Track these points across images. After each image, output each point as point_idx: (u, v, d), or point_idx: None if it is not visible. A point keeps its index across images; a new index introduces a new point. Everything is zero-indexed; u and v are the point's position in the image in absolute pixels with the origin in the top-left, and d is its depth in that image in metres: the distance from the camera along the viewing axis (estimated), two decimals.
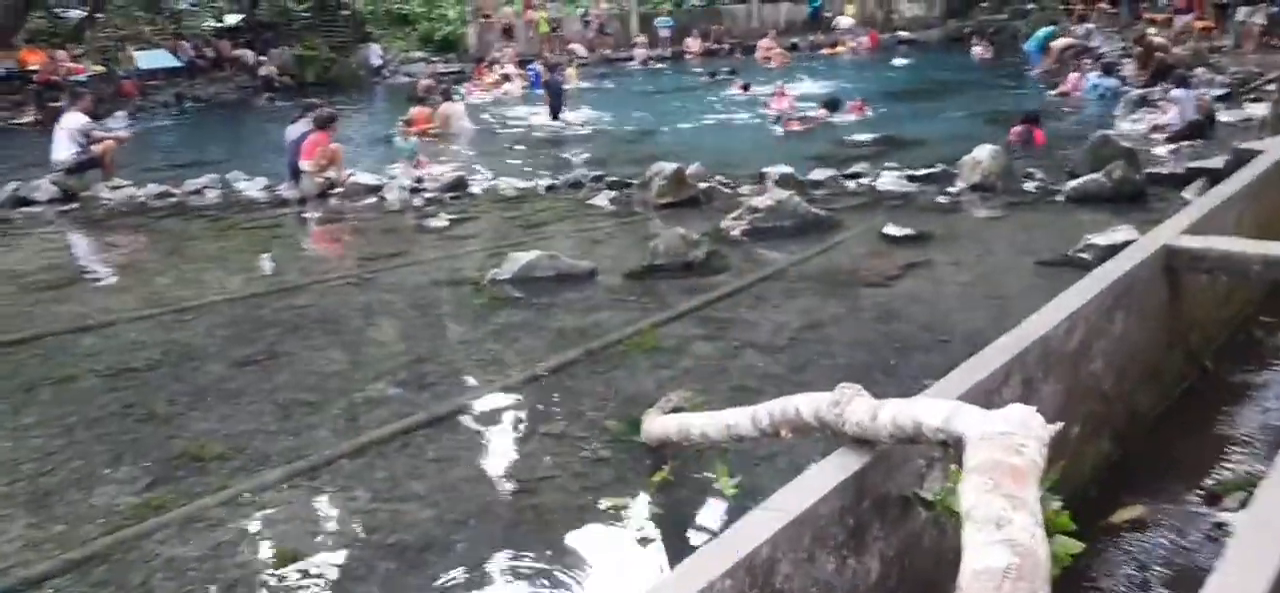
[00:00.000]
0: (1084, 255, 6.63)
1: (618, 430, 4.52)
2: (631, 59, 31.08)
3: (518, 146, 14.55)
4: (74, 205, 10.82)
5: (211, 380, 5.42)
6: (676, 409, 4.67)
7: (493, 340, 5.93)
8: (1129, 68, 16.35)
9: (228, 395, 5.20)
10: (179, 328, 6.41)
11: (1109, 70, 15.18)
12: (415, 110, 15.88)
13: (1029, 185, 9.06)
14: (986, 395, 3.24)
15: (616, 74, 28.69)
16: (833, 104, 15.84)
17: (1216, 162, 8.52)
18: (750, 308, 6.28)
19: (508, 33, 30.95)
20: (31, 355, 5.97)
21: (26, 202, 10.89)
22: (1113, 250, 6.14)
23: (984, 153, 9.15)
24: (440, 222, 8.98)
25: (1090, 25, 21.60)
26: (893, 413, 2.61)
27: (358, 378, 5.38)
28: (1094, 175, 8.40)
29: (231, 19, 31.68)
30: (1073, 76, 16.05)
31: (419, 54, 31.39)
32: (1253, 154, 7.66)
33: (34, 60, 22.71)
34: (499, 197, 10.27)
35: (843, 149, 12.46)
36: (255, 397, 5.16)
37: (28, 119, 20.32)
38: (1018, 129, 11.70)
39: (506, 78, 23.10)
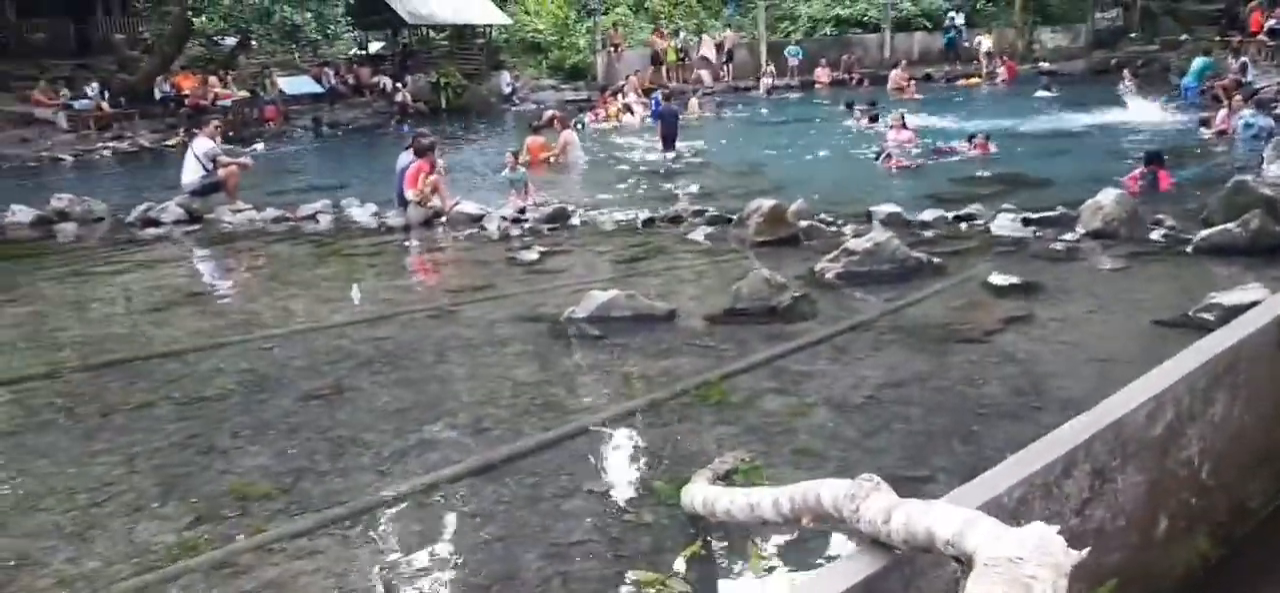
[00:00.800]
0: (1206, 315, 6.06)
1: (663, 494, 4.28)
2: (756, 88, 30.82)
3: (627, 178, 14.49)
4: (197, 227, 11.27)
5: (277, 414, 5.44)
6: (730, 472, 4.43)
7: (558, 384, 5.78)
8: None
9: (289, 431, 5.20)
10: (260, 357, 6.50)
11: (1262, 107, 14.06)
12: (531, 140, 16.02)
13: (1156, 234, 8.40)
14: (1045, 489, 2.90)
15: (743, 102, 28.48)
16: (971, 137, 15.25)
17: None
18: (831, 360, 5.95)
19: (655, 61, 30.92)
20: (116, 379, 6.14)
21: (154, 222, 11.40)
22: (1238, 311, 5.59)
23: (1107, 197, 8.53)
24: (532, 255, 8.93)
25: (1245, 58, 20.13)
26: (906, 517, 2.31)
27: (415, 418, 5.30)
28: (1228, 225, 7.71)
29: (375, 47, 32.95)
30: (1222, 114, 14.96)
31: (549, 81, 31.87)
32: None
33: (187, 85, 24.04)
34: (597, 230, 10.18)
35: (962, 188, 11.89)
36: (313, 433, 5.14)
37: (176, 141, 21.50)
38: (1138, 171, 10.93)
39: (629, 108, 23.14)
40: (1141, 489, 3.31)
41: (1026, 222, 9.03)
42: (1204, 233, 7.83)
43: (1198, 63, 20.92)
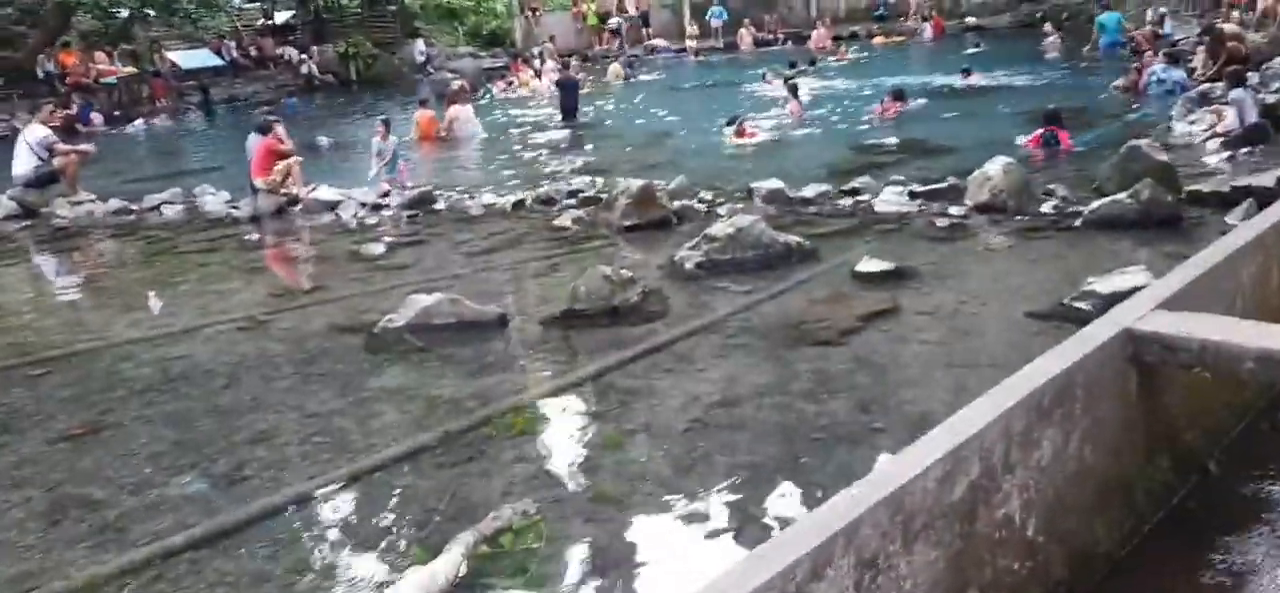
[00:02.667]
0: (1082, 305, 5.48)
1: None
2: (684, 50, 30.06)
3: (519, 154, 13.66)
4: (31, 223, 10.29)
5: (6, 464, 4.64)
6: (500, 533, 3.76)
7: (351, 413, 5.04)
8: (1198, 58, 14.71)
9: (11, 485, 4.41)
10: (26, 384, 5.67)
11: (1174, 61, 13.54)
12: (419, 114, 15.14)
13: (1048, 205, 7.82)
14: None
15: (666, 67, 27.69)
16: (900, 95, 14.62)
17: (1267, 178, 7.20)
18: (666, 371, 5.26)
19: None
20: None
21: None
22: (1115, 299, 5.02)
23: (995, 167, 7.93)
24: (378, 248, 8.14)
25: (1164, 9, 19.71)
26: None
27: (168, 466, 4.53)
28: (1119, 196, 7.15)
29: (283, 16, 31.50)
30: (1133, 68, 14.49)
31: (467, 49, 30.79)
32: None
33: (70, 62, 22.67)
34: (462, 216, 9.40)
35: (860, 156, 11.27)
36: (37, 489, 4.36)
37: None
38: (1038, 133, 10.39)
39: (538, 75, 22.24)
40: (939, 569, 2.67)
41: (912, 195, 8.42)
42: (1094, 205, 7.26)
43: (1106, 17, 20.51)
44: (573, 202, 9.14)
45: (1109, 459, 3.35)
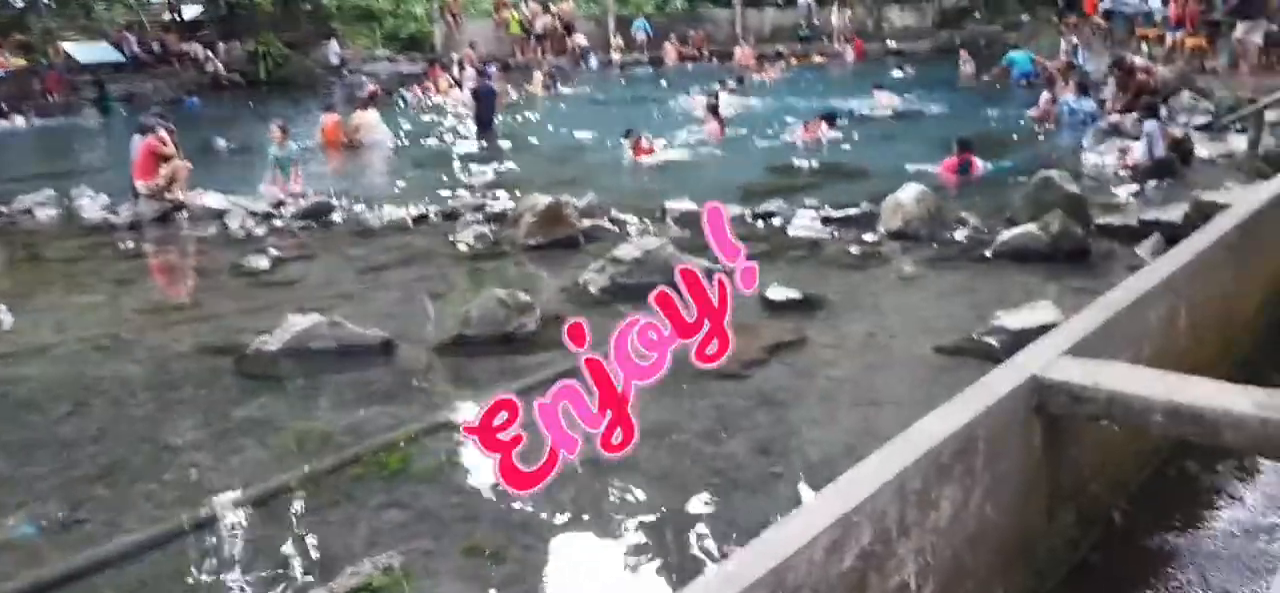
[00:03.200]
0: (990, 340, 5.32)
1: None
2: (609, 62, 29.79)
3: (427, 164, 13.16)
4: None
5: None
6: (361, 589, 3.39)
7: (210, 448, 4.59)
8: (1108, 90, 14.92)
9: None
10: None
11: (1084, 91, 13.68)
12: (325, 118, 14.56)
13: (960, 233, 7.69)
14: None
15: (591, 79, 27.34)
16: (831, 117, 14.53)
17: (1175, 213, 7.17)
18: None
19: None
20: None
21: None
22: (1024, 337, 4.85)
23: (908, 195, 7.79)
24: (263, 262, 7.63)
25: (1075, 40, 20.07)
26: None
27: None
28: (1029, 227, 7.04)
29: (192, 11, 30.35)
30: (1044, 97, 14.63)
31: (383, 52, 30.05)
32: (1215, 208, 6.32)
33: None
34: (359, 228, 8.93)
35: (778, 178, 11.08)
36: None
37: None
38: (952, 160, 10.34)
39: (457, 83, 21.72)
40: None
41: (826, 221, 8.23)
42: (1005, 236, 7.14)
43: (1017, 56, 21.05)
44: (478, 217, 8.74)
45: (1011, 516, 3.12)
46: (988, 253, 7.16)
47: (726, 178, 11.15)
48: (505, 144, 14.54)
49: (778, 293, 6.32)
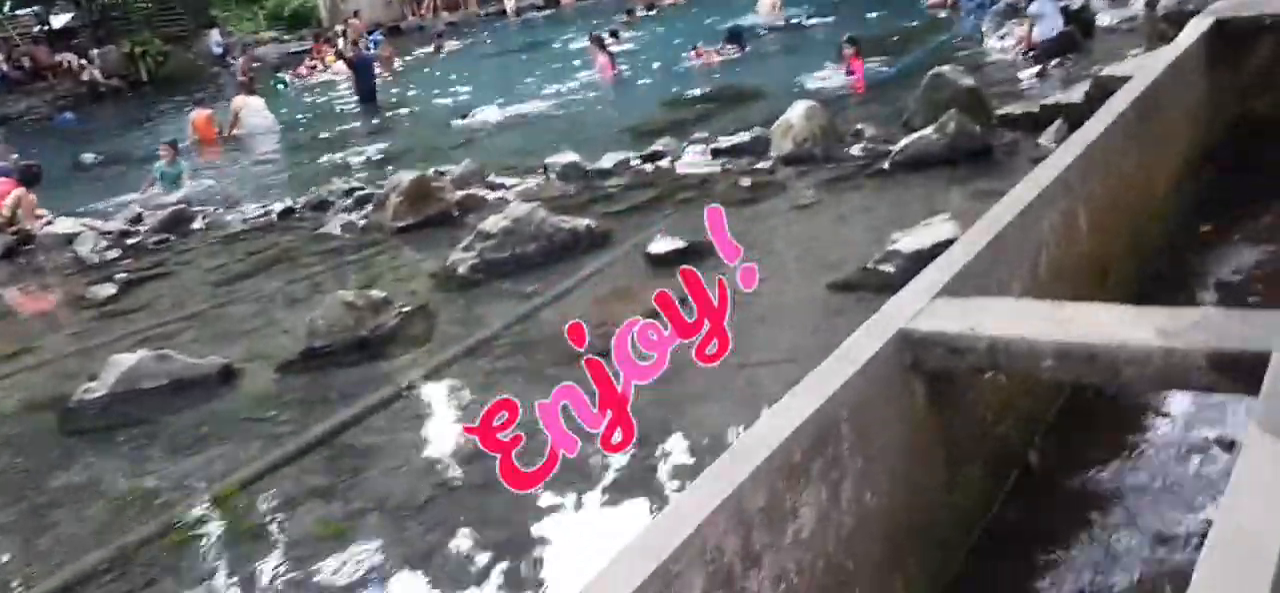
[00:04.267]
0: (886, 267, 4.86)
1: None
2: (504, 13, 28.77)
3: (306, 148, 12.38)
4: None
5: None
6: None
7: (19, 526, 4.02)
8: None
9: None
10: None
11: None
12: (194, 115, 13.65)
13: (856, 147, 7.22)
14: None
15: (490, 31, 26.32)
16: (737, 36, 13.92)
17: (1076, 94, 6.75)
18: (415, 420, 4.40)
19: None
20: None
21: None
22: (922, 258, 4.41)
23: (797, 113, 7.29)
24: (109, 290, 6.93)
25: None
26: None
27: None
28: (925, 131, 6.59)
29: (61, 20, 28.60)
30: None
31: (269, 33, 28.74)
32: (1116, 83, 5.90)
33: None
34: (221, 234, 8.22)
35: (669, 113, 10.52)
36: None
37: None
38: (851, 52, 9.87)
39: (339, 56, 20.68)
40: None
41: (716, 153, 7.71)
42: (901, 144, 6.68)
43: None
44: (348, 204, 8.08)
45: (899, 496, 2.65)
46: (886, 165, 6.70)
47: (616, 119, 10.58)
48: (389, 114, 13.74)
49: (661, 245, 5.80)
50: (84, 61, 24.79)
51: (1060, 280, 3.52)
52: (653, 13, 22.63)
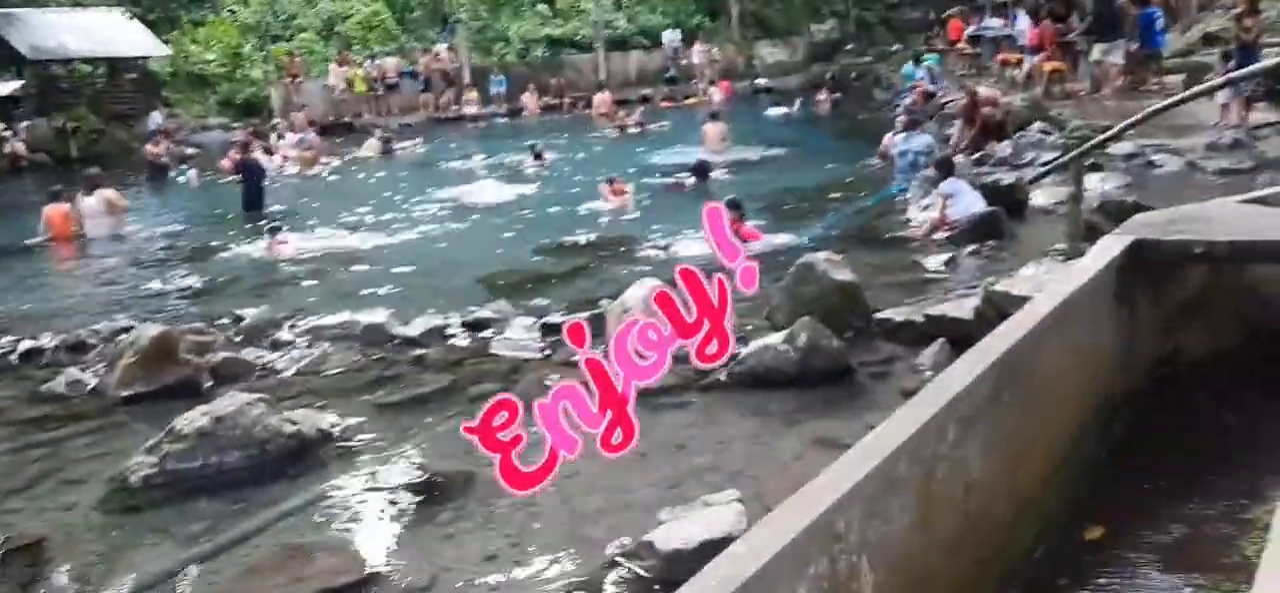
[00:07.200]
0: (634, 566, 3.43)
1: None
2: (462, 119, 27.79)
3: (140, 262, 10.90)
4: None
5: None
6: None
7: None
8: (955, 126, 13.42)
9: None
10: None
11: (914, 127, 11.89)
12: (48, 210, 12.27)
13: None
14: None
15: (446, 135, 25.15)
16: (701, 171, 12.90)
17: (966, 309, 5.39)
18: None
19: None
20: None
21: None
22: (679, 562, 3.08)
23: (636, 296, 5.91)
24: None
25: (930, 60, 18.44)
26: None
27: None
28: (770, 340, 5.21)
29: (5, 89, 27.40)
30: (886, 138, 12.99)
31: (217, 119, 27.59)
32: (1012, 303, 4.57)
33: None
34: None
35: (539, 262, 9.18)
36: None
37: None
38: (727, 219, 8.54)
39: (268, 152, 19.46)
40: None
41: (546, 329, 6.32)
42: (744, 352, 5.27)
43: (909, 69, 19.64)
44: (94, 355, 6.60)
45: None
46: (723, 376, 5.29)
47: (481, 262, 9.13)
48: (254, 228, 12.21)
49: (396, 474, 4.35)
50: (9, 132, 23.56)
51: None
52: (637, 131, 21.54)
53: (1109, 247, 4.43)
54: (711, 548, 3.29)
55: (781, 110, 23.71)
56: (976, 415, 3.04)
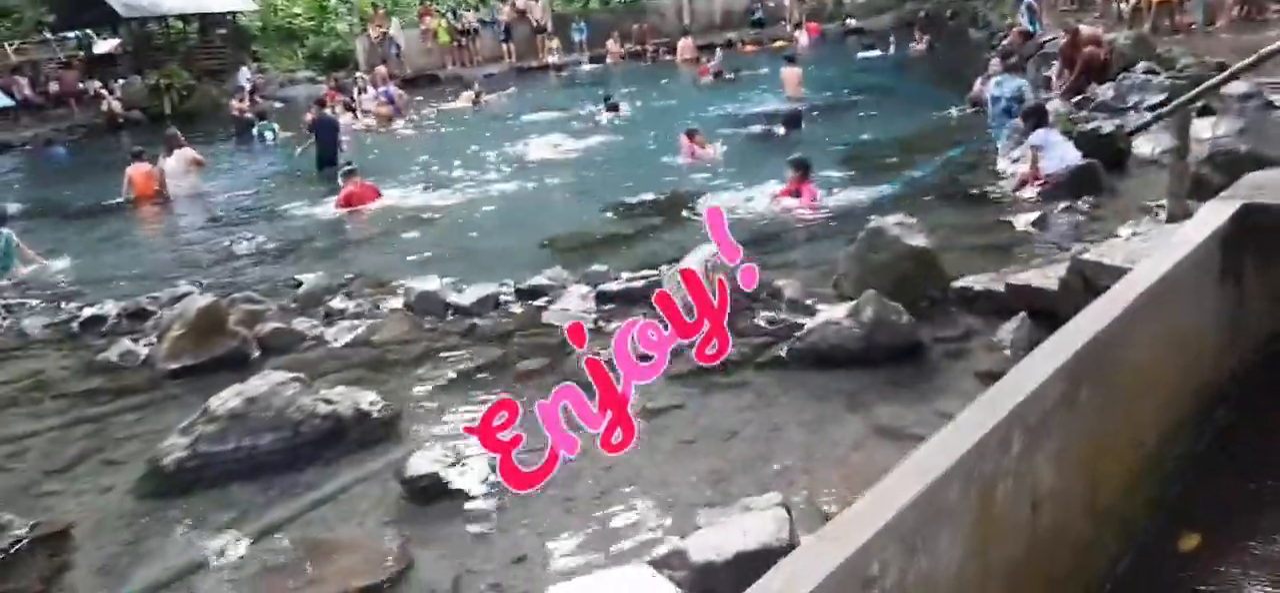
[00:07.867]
0: (670, 573, 3.11)
1: None
2: (545, 68, 27.59)
3: (220, 222, 10.98)
4: None
5: None
6: None
7: None
8: (1056, 66, 12.57)
9: None
10: None
11: (1012, 69, 11.13)
12: (132, 170, 12.44)
13: (765, 316, 5.44)
14: None
15: (530, 85, 24.97)
16: (793, 120, 12.65)
17: (1051, 279, 4.89)
18: None
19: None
20: None
21: None
22: (711, 575, 2.79)
23: (693, 262, 5.54)
24: None
25: (1031, 2, 17.41)
26: None
27: None
28: (834, 313, 4.81)
29: (105, 46, 28.14)
30: (977, 82, 12.25)
31: (305, 73, 27.94)
32: (1103, 274, 4.11)
33: None
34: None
35: (610, 222, 8.87)
36: None
37: None
38: (790, 182, 8.12)
39: (350, 108, 19.59)
40: None
41: (601, 298, 6.03)
42: (807, 325, 4.89)
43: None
44: (151, 324, 6.55)
45: None
46: (784, 352, 4.92)
47: (548, 224, 8.88)
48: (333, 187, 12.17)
49: (419, 465, 4.11)
50: (107, 90, 24.21)
51: None
52: (721, 78, 21.00)
53: (1215, 213, 3.90)
54: (745, 560, 3.01)
55: (874, 52, 22.82)
56: (1049, 418, 2.63)
